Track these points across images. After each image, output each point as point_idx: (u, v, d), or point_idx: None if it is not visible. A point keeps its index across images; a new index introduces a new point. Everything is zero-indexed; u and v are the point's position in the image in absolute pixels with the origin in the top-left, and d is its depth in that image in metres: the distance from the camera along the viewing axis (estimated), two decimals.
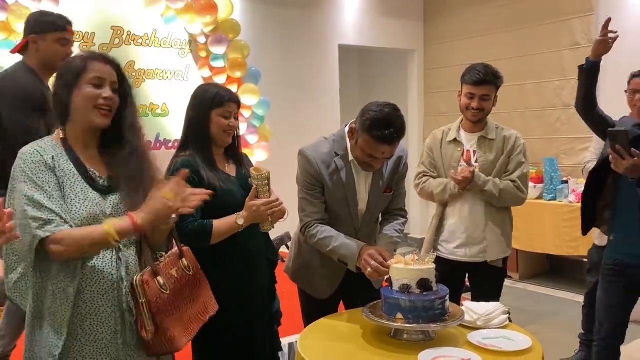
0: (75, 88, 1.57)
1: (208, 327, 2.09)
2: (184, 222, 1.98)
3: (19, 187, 1.52)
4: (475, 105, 2.67)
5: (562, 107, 5.44)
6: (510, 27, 5.89)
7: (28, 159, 1.53)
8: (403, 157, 2.35)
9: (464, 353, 1.74)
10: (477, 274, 2.76)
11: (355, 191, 2.28)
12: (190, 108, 2.16)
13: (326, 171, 2.25)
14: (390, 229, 2.35)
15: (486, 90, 2.67)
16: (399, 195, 2.40)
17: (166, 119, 4.86)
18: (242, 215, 2.05)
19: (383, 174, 2.30)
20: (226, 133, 2.13)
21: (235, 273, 2.11)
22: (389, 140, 2.08)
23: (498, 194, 2.65)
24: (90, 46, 4.42)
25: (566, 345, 3.56)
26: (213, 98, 2.11)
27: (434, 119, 6.70)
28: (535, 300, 4.86)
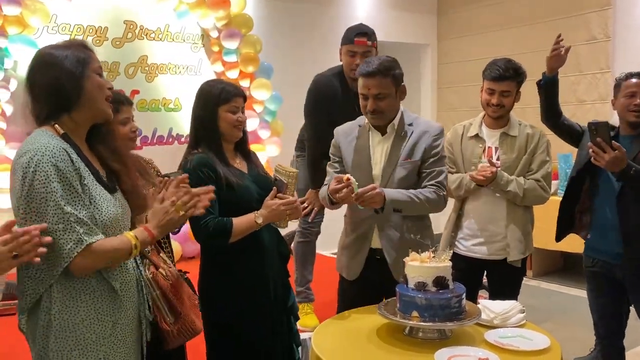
0: (85, 76, 1.51)
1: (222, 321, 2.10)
2: (203, 220, 1.98)
3: (53, 187, 1.40)
4: (495, 101, 2.63)
5: (576, 103, 5.38)
6: (525, 22, 5.82)
7: (58, 156, 1.42)
8: (429, 132, 2.29)
9: (481, 352, 1.71)
10: (495, 272, 2.72)
11: (369, 155, 2.32)
12: (196, 106, 2.15)
13: (345, 140, 2.40)
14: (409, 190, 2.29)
15: (506, 86, 2.62)
16: (432, 172, 2.28)
17: (179, 113, 4.87)
18: (262, 214, 2.06)
19: (403, 142, 2.29)
20: (236, 128, 2.13)
21: (249, 266, 2.11)
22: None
23: (522, 194, 2.59)
24: (103, 41, 4.43)
25: (580, 343, 3.52)
26: (219, 94, 2.10)
27: (447, 114, 6.65)
28: (549, 297, 4.81)
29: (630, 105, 2.52)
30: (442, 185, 2.29)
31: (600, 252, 2.60)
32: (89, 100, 1.51)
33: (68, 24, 4.25)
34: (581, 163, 2.62)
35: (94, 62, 1.53)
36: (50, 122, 1.49)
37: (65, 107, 1.49)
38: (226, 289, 2.09)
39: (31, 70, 1.52)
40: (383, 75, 2.22)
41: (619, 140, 2.55)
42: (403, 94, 2.31)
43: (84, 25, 4.32)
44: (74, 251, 1.40)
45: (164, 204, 1.57)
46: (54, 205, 1.39)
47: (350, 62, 2.98)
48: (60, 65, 1.48)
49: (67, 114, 1.50)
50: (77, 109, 1.50)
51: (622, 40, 5.19)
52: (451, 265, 1.89)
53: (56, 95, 1.48)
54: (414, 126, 2.32)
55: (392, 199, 2.18)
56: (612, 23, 5.21)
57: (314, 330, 2.02)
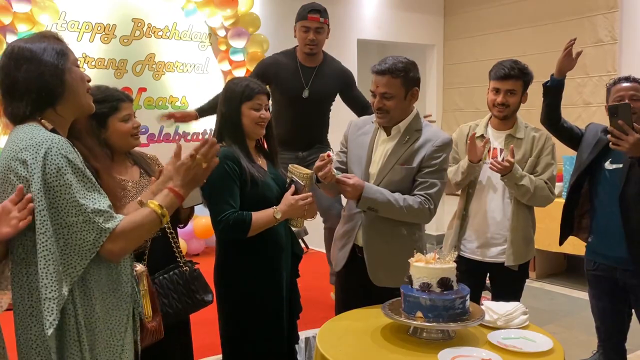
0: (66, 69, 1.46)
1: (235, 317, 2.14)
2: (224, 213, 2.02)
3: (67, 180, 1.36)
4: (500, 100, 2.63)
5: (582, 105, 5.37)
6: (532, 23, 5.82)
7: (66, 148, 1.39)
8: (432, 142, 2.27)
9: (484, 353, 1.73)
10: (497, 274, 2.73)
11: (370, 153, 2.35)
12: (221, 103, 2.19)
13: (355, 132, 2.43)
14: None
15: (511, 85, 2.62)
16: (425, 182, 2.26)
17: None
18: (281, 210, 2.10)
19: (406, 146, 2.29)
20: (258, 125, 2.16)
21: (262, 264, 2.15)
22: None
23: (533, 191, 2.58)
24: (111, 38, 4.45)
25: (583, 345, 3.53)
26: (242, 92, 2.14)
27: (452, 115, 6.66)
28: (552, 299, 4.82)
29: None
30: (431, 198, 2.25)
31: (602, 255, 2.61)
32: (72, 94, 1.48)
33: (77, 21, 4.27)
34: (582, 166, 2.62)
35: (71, 54, 1.50)
36: (36, 117, 1.45)
37: (50, 101, 1.45)
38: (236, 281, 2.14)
39: (6, 66, 1.45)
40: (393, 76, 2.22)
41: None
42: (414, 97, 2.30)
43: (93, 22, 4.34)
44: (100, 241, 1.38)
45: (183, 160, 1.53)
46: (70, 198, 1.36)
47: (304, 37, 3.21)
48: (40, 60, 1.43)
49: (52, 109, 1.46)
50: (62, 102, 1.47)
51: (629, 43, 5.18)
52: (456, 267, 1.91)
53: (41, 90, 1.43)
54: (421, 133, 2.30)
55: (368, 197, 2.19)
56: (618, 26, 5.21)
57: (320, 329, 2.04)
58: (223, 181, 2.05)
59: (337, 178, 2.20)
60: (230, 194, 2.06)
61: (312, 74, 3.27)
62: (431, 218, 2.31)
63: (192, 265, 2.18)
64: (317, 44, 3.22)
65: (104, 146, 2.05)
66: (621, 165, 2.54)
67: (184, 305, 2.09)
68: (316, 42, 3.20)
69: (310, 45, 3.20)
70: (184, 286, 2.09)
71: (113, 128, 2.07)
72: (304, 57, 3.27)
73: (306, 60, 3.27)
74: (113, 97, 2.09)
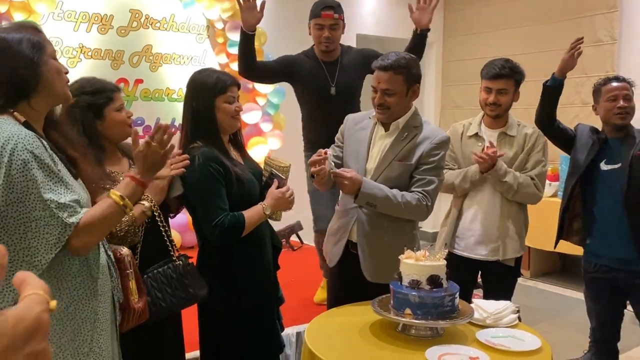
0: (42, 62, 1.42)
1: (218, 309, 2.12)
2: (218, 218, 1.98)
3: (33, 175, 1.35)
4: (491, 99, 2.64)
5: (580, 105, 5.36)
6: (531, 22, 5.80)
7: (33, 143, 1.36)
8: (430, 139, 2.26)
9: (472, 351, 1.73)
10: (489, 272, 2.74)
11: (367, 148, 2.34)
12: (192, 98, 2.09)
13: (352, 127, 2.42)
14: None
15: (503, 84, 2.63)
16: (422, 179, 2.25)
17: (182, 104, 4.82)
18: (269, 205, 2.08)
19: (404, 143, 2.28)
20: (234, 118, 2.11)
21: (247, 260, 2.13)
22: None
23: (516, 187, 2.59)
24: (108, 29, 4.43)
25: (575, 344, 3.54)
26: (215, 84, 2.06)
27: (450, 112, 6.65)
28: (546, 298, 4.83)
29: (614, 108, 2.55)
30: (428, 195, 2.24)
31: (603, 257, 2.59)
32: (47, 87, 1.44)
33: (74, 11, 4.25)
34: (581, 169, 2.61)
35: (48, 46, 1.45)
36: (8, 110, 1.41)
37: (23, 95, 1.41)
38: (226, 277, 2.11)
39: None
40: (395, 72, 2.21)
41: (608, 143, 2.57)
42: (415, 94, 2.30)
43: (90, 12, 4.32)
44: (64, 236, 1.38)
45: (139, 148, 1.54)
46: (36, 194, 1.35)
47: (318, 35, 3.12)
48: (15, 52, 1.39)
49: (25, 102, 1.42)
50: (36, 96, 1.43)
51: (628, 43, 5.17)
52: (446, 264, 1.90)
53: (14, 83, 1.40)
54: (419, 130, 2.30)
55: (367, 192, 2.18)
56: (618, 26, 5.20)
57: (308, 325, 2.04)
58: (210, 185, 2.00)
59: (335, 171, 2.19)
60: (219, 198, 2.01)
61: (335, 69, 3.20)
62: (428, 215, 2.30)
63: (186, 259, 2.14)
64: (333, 40, 3.14)
65: (99, 138, 2.04)
66: (617, 165, 2.54)
67: (178, 299, 2.05)
68: (332, 39, 3.12)
69: (326, 43, 3.12)
70: (178, 280, 2.06)
71: (110, 118, 2.04)
72: (322, 54, 3.21)
73: (325, 56, 3.20)
74: (106, 88, 2.07)
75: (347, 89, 3.22)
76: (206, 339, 2.18)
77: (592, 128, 2.72)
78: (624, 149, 2.53)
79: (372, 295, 2.11)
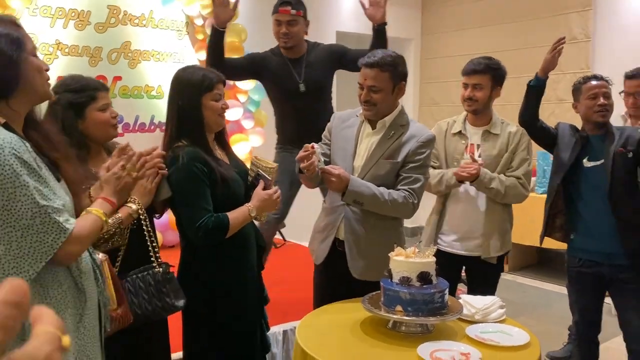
0: (22, 60, 1.35)
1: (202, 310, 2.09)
2: (202, 219, 1.95)
3: (23, 181, 1.29)
4: (467, 94, 2.70)
5: (556, 102, 5.46)
6: (508, 20, 5.89)
7: (19, 148, 1.30)
8: (417, 137, 2.28)
9: (463, 347, 1.75)
10: (473, 267, 2.78)
11: (354, 146, 2.35)
12: (177, 96, 2.03)
13: (339, 125, 2.44)
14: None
15: (478, 79, 2.68)
16: (409, 177, 2.27)
17: (161, 101, 4.80)
18: (254, 206, 2.04)
19: (390, 141, 2.30)
20: (220, 116, 2.08)
21: (232, 261, 2.11)
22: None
23: (504, 191, 2.64)
24: (86, 25, 4.35)
25: (554, 337, 3.62)
26: (202, 82, 2.01)
27: (428, 109, 6.70)
28: (524, 292, 4.92)
29: (595, 106, 2.60)
30: (415, 193, 2.26)
31: (588, 251, 2.64)
32: (27, 86, 1.37)
33: (49, 6, 4.16)
34: (566, 166, 2.66)
35: (28, 42, 1.39)
36: None
37: (2, 95, 1.34)
38: (210, 279, 2.09)
39: None
40: (381, 69, 2.23)
41: (590, 141, 2.63)
42: (401, 92, 2.31)
43: (66, 8, 4.24)
44: (58, 241, 1.34)
45: (114, 170, 1.55)
46: (27, 200, 1.29)
47: (277, 30, 3.16)
48: None
49: (4, 102, 1.35)
50: (15, 95, 1.36)
51: (602, 41, 5.29)
52: (435, 261, 1.93)
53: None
54: (406, 128, 2.32)
55: (354, 190, 2.19)
56: (592, 24, 5.31)
57: (299, 323, 2.04)
58: (194, 185, 1.96)
59: (323, 168, 2.19)
60: (204, 198, 1.97)
61: (302, 66, 3.21)
62: (414, 213, 2.32)
63: (167, 267, 2.07)
64: (292, 36, 3.15)
65: (81, 137, 2.00)
66: (599, 162, 2.59)
67: (154, 307, 1.98)
68: (290, 35, 3.13)
69: (284, 39, 3.14)
70: (155, 287, 1.99)
71: (91, 118, 2.00)
72: (285, 51, 3.22)
73: (289, 53, 3.21)
74: (90, 87, 2.02)
75: (316, 85, 3.23)
76: (190, 342, 2.14)
77: (572, 126, 2.78)
78: (605, 145, 2.59)
79: (358, 293, 2.13)
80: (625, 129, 2.67)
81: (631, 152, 2.55)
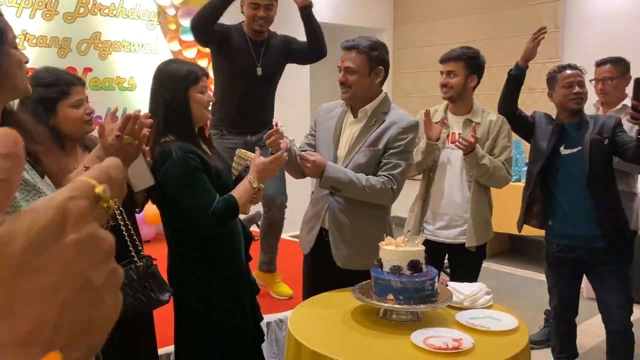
0: (3, 52, 1.28)
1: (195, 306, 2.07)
2: (212, 206, 1.92)
3: None
4: (441, 81, 2.76)
5: (527, 91, 5.53)
6: (480, 10, 5.96)
7: None
8: (398, 124, 2.29)
9: (455, 333, 1.78)
10: (456, 255, 2.82)
11: (338, 135, 2.37)
12: (163, 91, 1.99)
13: (324, 116, 2.45)
14: None
15: (451, 66, 2.73)
16: (389, 163, 2.28)
17: (133, 93, 4.72)
18: (254, 177, 2.02)
19: (372, 129, 2.31)
20: (206, 109, 2.06)
21: (225, 253, 2.10)
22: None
23: (492, 170, 2.66)
24: (54, 15, 4.22)
25: (530, 321, 3.64)
26: (188, 76, 1.99)
27: (401, 99, 6.74)
28: (499, 278, 5.00)
29: (570, 94, 2.67)
30: (394, 179, 2.25)
31: (566, 237, 2.72)
32: (7, 81, 1.29)
33: None
34: (545, 154, 2.71)
35: (9, 32, 1.30)
36: None
37: None
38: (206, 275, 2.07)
39: None
40: (358, 51, 2.27)
41: (565, 128, 2.69)
42: (378, 76, 2.32)
43: None
44: None
45: (109, 142, 1.47)
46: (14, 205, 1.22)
47: (253, 14, 3.09)
48: None
49: None
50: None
51: (571, 31, 5.40)
52: (424, 249, 1.94)
53: None
54: (388, 115, 2.32)
55: (330, 176, 2.21)
56: (562, 14, 5.41)
57: (291, 314, 2.03)
58: (194, 174, 1.94)
59: (300, 154, 2.21)
60: (206, 185, 1.96)
61: (261, 50, 3.18)
62: (394, 199, 2.32)
63: (149, 261, 2.04)
64: (268, 20, 3.13)
65: (53, 132, 1.93)
66: (575, 149, 2.65)
67: (138, 302, 1.95)
68: (267, 19, 3.11)
69: (260, 22, 3.10)
70: (139, 282, 1.96)
71: (63, 114, 1.93)
72: (252, 33, 3.17)
73: (255, 36, 3.17)
74: (63, 81, 1.95)
75: (271, 71, 3.22)
76: (184, 338, 2.12)
77: (546, 115, 2.84)
78: (581, 133, 2.66)
79: (343, 282, 2.14)
80: (598, 117, 2.75)
81: (607, 139, 2.62)
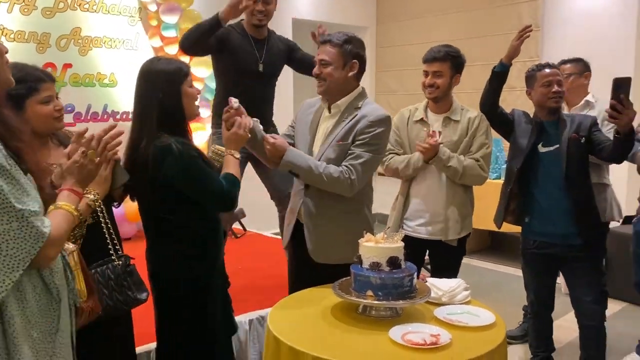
0: None
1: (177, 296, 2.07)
2: (223, 188, 1.99)
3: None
4: (427, 81, 2.75)
5: (507, 89, 5.48)
6: (462, 9, 6.01)
7: None
8: (367, 117, 2.27)
9: (433, 329, 1.79)
10: (436, 251, 2.84)
11: (314, 130, 2.40)
12: (155, 89, 1.97)
13: (305, 111, 2.47)
14: None
15: (437, 66, 2.74)
16: (352, 153, 2.27)
17: (114, 89, 4.68)
18: (232, 148, 2.09)
19: (343, 124, 2.31)
20: (195, 103, 2.07)
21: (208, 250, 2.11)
22: None
23: (462, 170, 2.70)
24: (32, 10, 4.17)
25: (509, 317, 3.70)
26: (179, 71, 2.00)
27: (384, 97, 6.77)
28: (479, 274, 5.06)
29: (549, 93, 2.70)
30: (354, 169, 2.24)
31: (542, 233, 2.76)
32: None
33: None
34: (525, 152, 2.74)
35: None
36: None
37: None
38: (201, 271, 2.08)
39: None
40: (332, 45, 2.30)
41: (544, 126, 2.73)
42: (353, 69, 2.31)
43: None
44: (37, 246, 1.27)
45: (75, 158, 1.48)
46: (3, 204, 1.22)
47: (251, 8, 3.09)
48: None
49: None
50: None
51: (550, 30, 5.47)
52: (403, 246, 1.96)
53: None
54: (360, 110, 2.32)
55: (288, 160, 2.23)
56: (541, 14, 5.48)
57: (270, 311, 2.04)
58: (198, 164, 1.98)
59: (263, 135, 2.26)
60: (211, 172, 2.02)
61: (263, 47, 3.19)
62: (352, 190, 2.27)
63: (127, 260, 2.03)
64: (267, 14, 3.13)
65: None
66: (553, 147, 2.69)
67: (115, 302, 1.95)
68: (265, 13, 3.11)
69: (259, 16, 3.11)
70: (116, 281, 1.96)
71: (32, 111, 1.89)
72: (252, 30, 3.18)
73: (255, 32, 3.18)
74: (32, 77, 1.90)
75: (272, 69, 3.23)
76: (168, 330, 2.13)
77: (525, 113, 2.87)
78: (559, 131, 2.70)
79: (320, 275, 2.18)
80: (574, 117, 2.79)
81: (583, 137, 2.66)
